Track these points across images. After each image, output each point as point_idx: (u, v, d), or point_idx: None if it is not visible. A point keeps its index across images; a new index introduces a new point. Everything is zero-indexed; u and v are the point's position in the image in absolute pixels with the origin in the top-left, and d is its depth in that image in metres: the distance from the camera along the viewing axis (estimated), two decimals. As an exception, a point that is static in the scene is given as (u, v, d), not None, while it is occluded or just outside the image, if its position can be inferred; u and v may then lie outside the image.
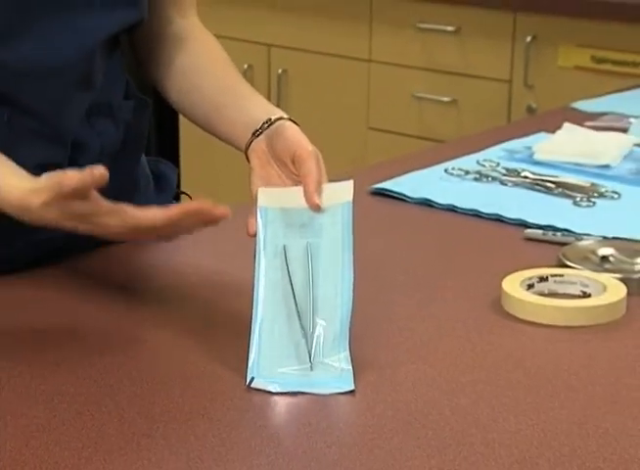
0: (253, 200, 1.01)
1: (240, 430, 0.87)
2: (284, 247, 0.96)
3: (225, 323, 1.04)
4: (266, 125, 1.07)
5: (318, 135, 3.79)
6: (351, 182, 0.99)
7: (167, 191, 1.31)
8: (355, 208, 1.38)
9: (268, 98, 3.75)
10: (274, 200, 0.98)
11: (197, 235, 1.31)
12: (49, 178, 0.94)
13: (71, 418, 0.87)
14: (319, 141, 1.07)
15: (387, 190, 1.41)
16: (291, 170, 1.02)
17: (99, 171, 0.93)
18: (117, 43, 1.18)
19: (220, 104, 1.13)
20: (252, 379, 0.92)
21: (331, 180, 1.02)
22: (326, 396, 0.91)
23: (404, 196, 1.40)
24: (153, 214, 0.94)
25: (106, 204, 0.95)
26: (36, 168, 1.11)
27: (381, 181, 1.43)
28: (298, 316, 0.95)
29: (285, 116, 1.07)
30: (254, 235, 0.98)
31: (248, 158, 1.07)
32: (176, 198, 1.35)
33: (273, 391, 0.91)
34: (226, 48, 1.26)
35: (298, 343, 0.94)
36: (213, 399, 0.91)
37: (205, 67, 1.18)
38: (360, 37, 2.98)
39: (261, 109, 1.09)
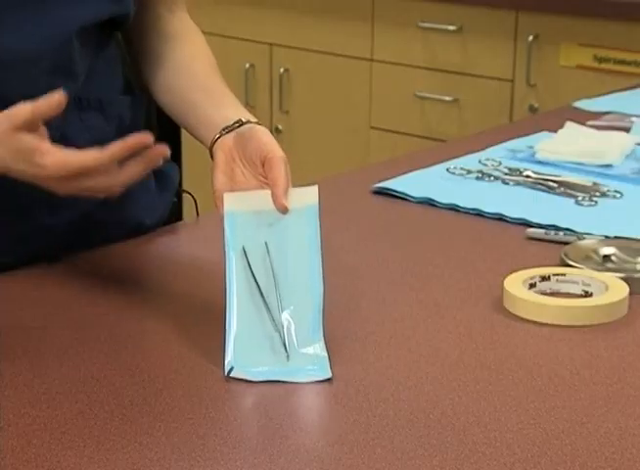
0: (214, 195, 1.04)
1: (242, 429, 0.87)
2: (243, 247, 0.99)
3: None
4: (237, 125, 1.10)
5: (320, 134, 3.76)
6: (316, 187, 1.02)
7: (169, 189, 1.31)
8: (357, 207, 1.38)
9: (270, 97, 3.73)
10: (240, 203, 1.02)
11: (195, 231, 1.31)
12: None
13: (73, 417, 0.87)
14: (321, 140, 1.08)
15: (389, 189, 1.41)
16: (258, 171, 1.05)
17: (56, 99, 0.95)
18: (108, 38, 1.18)
19: (195, 101, 1.16)
20: (232, 369, 0.93)
21: (332, 180, 1.02)
22: (327, 395, 0.91)
23: (406, 195, 1.40)
24: (90, 153, 0.96)
25: (48, 143, 0.97)
26: None
27: (383, 180, 1.43)
28: (268, 311, 0.97)
29: (253, 120, 1.10)
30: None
31: (211, 153, 1.11)
32: (178, 197, 1.35)
33: (252, 379, 0.93)
34: (228, 47, 1.26)
35: (272, 336, 0.96)
36: (216, 398, 0.91)
37: (187, 66, 1.20)
38: (362, 36, 2.98)
39: (234, 110, 1.13)
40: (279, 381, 0.93)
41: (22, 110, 0.97)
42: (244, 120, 1.10)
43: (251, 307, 0.98)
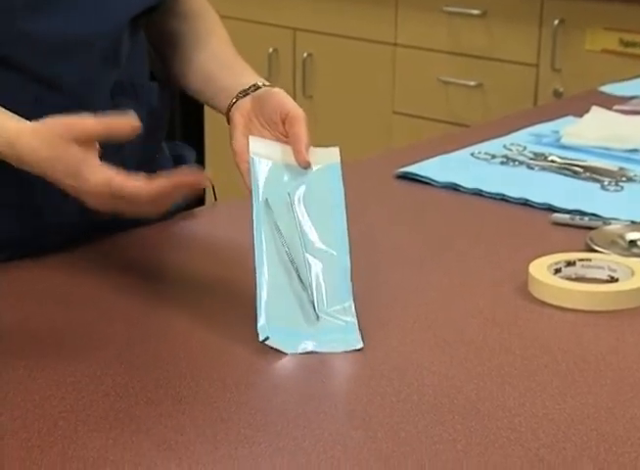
0: (236, 158, 1.05)
1: (266, 412, 0.87)
2: (267, 200, 0.99)
3: (247, 303, 1.04)
4: (253, 88, 1.12)
5: (343, 119, 3.75)
6: (337, 148, 1.03)
7: None
8: (381, 191, 1.38)
9: (293, 81, 3.73)
10: (265, 150, 1.02)
11: (218, 215, 1.31)
12: (57, 121, 0.96)
13: (99, 400, 0.88)
14: (344, 125, 1.08)
15: (412, 174, 1.41)
16: (279, 130, 1.06)
17: (129, 124, 0.94)
18: (138, 24, 1.19)
19: (212, 71, 1.18)
20: (267, 338, 0.94)
21: (355, 165, 1.02)
22: (351, 379, 0.91)
23: (430, 180, 1.39)
24: (139, 183, 0.94)
25: (97, 159, 0.96)
26: None
27: (407, 165, 1.43)
28: (296, 271, 0.97)
29: (268, 83, 1.12)
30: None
31: (228, 117, 1.12)
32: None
33: (286, 351, 0.93)
34: (252, 31, 1.27)
35: (301, 296, 0.97)
36: (239, 381, 0.91)
37: (204, 41, 1.22)
38: (386, 21, 2.97)
39: (250, 76, 1.15)
40: (308, 352, 0.93)
41: (89, 125, 0.94)
42: (259, 84, 1.12)
43: (280, 267, 0.97)
